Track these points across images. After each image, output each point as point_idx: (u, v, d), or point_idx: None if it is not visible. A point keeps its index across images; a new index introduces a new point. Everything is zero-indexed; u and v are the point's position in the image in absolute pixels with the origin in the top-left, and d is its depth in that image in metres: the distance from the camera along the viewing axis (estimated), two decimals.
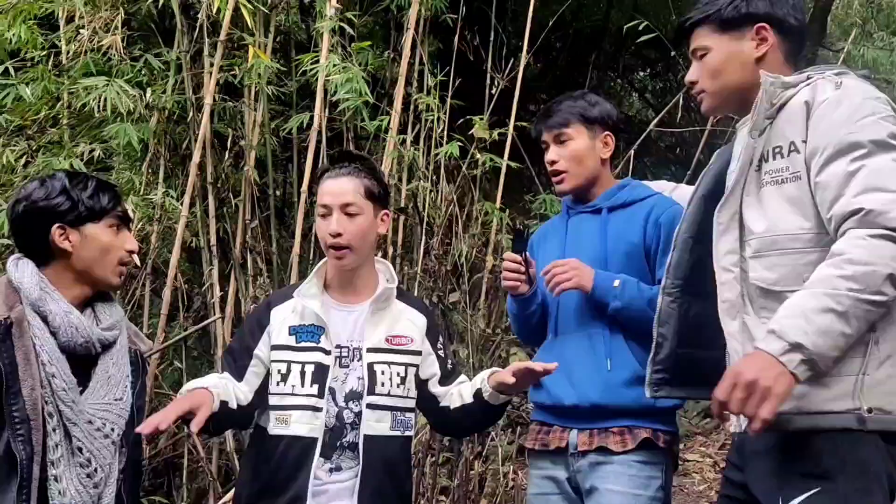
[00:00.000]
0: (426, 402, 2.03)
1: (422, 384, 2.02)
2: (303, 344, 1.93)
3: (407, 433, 1.99)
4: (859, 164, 1.44)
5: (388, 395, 1.94)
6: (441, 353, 2.04)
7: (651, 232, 2.04)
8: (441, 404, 2.02)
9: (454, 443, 3.35)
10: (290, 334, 1.94)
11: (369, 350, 1.94)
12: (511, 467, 3.50)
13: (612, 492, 1.92)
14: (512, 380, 1.83)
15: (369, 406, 1.91)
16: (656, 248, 2.03)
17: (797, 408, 1.44)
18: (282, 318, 1.97)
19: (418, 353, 2.00)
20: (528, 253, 2.13)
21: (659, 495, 1.96)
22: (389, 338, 1.97)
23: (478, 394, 1.95)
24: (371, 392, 1.92)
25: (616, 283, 1.98)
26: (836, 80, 1.54)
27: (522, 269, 2.09)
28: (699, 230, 1.74)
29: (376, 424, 1.92)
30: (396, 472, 1.95)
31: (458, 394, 2.02)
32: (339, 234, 1.92)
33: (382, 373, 1.93)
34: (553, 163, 2.12)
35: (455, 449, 3.37)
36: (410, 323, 2.01)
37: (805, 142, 1.52)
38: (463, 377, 2.09)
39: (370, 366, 1.93)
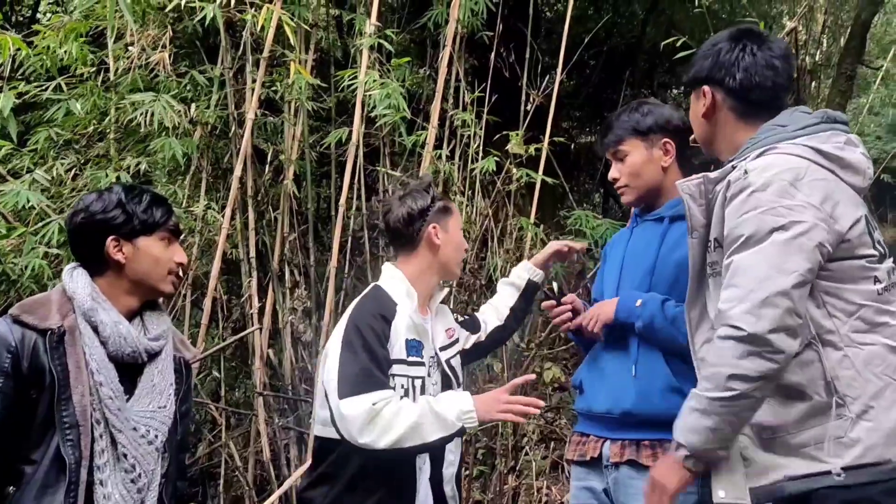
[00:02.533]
0: (474, 353, 2.28)
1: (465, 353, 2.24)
2: (412, 359, 2.00)
3: None
4: (728, 261, 1.56)
5: (461, 381, 2.12)
6: (459, 319, 2.24)
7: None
8: (484, 340, 2.28)
9: (488, 457, 3.34)
10: (405, 347, 1.98)
11: (441, 349, 2.10)
12: (545, 482, 3.48)
13: None
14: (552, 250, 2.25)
15: None
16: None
17: (786, 476, 1.55)
18: (399, 331, 1.98)
19: (457, 340, 2.21)
20: (559, 293, 2.19)
21: None
22: (448, 330, 2.16)
23: (519, 288, 2.27)
24: (458, 383, 2.10)
25: (638, 302, 1.97)
26: (744, 169, 1.59)
27: (566, 309, 2.15)
28: None
29: None
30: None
31: (490, 317, 2.29)
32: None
33: (452, 368, 2.11)
34: (615, 180, 2.15)
35: (489, 463, 3.37)
36: (442, 314, 2.18)
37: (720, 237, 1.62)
38: (477, 313, 2.34)
39: (448, 362, 2.09)
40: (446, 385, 2.05)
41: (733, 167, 1.64)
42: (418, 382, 1.98)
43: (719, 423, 1.53)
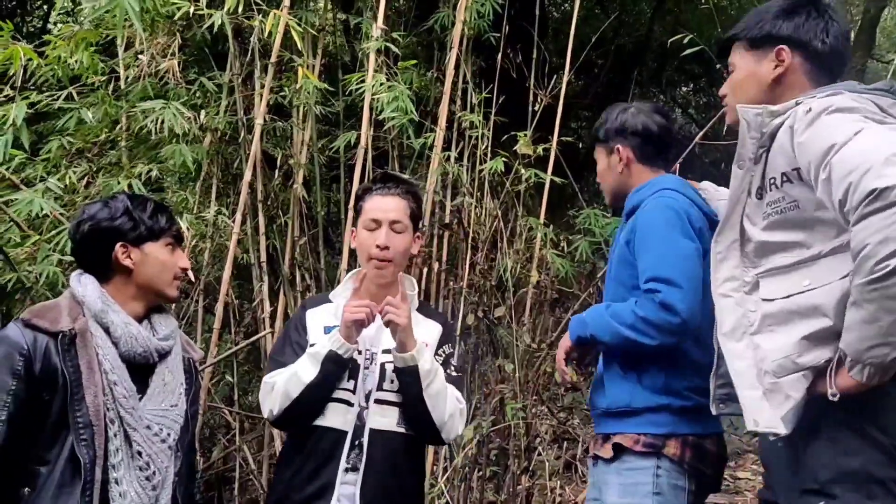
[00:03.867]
0: None
1: None
2: None
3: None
4: (826, 173, 1.47)
5: (397, 391, 2.00)
6: (439, 356, 2.08)
7: (632, 236, 2.04)
8: None
9: (501, 458, 3.34)
10: (325, 333, 2.03)
11: (384, 351, 2.03)
12: (558, 482, 3.48)
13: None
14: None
15: (377, 401, 1.99)
16: (634, 247, 2.02)
17: None
18: (318, 319, 2.08)
19: None
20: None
21: (647, 502, 1.90)
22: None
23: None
24: (379, 388, 2.00)
25: (584, 314, 2.05)
26: (811, 103, 1.56)
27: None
28: None
29: (381, 419, 1.98)
30: (401, 469, 1.99)
31: None
32: (386, 248, 2.03)
33: (393, 370, 2.00)
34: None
35: (502, 464, 3.37)
36: (426, 330, 2.09)
37: (796, 169, 1.56)
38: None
39: (382, 365, 2.02)
40: (380, 382, 2.01)
41: (797, 103, 1.60)
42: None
43: (875, 311, 1.39)
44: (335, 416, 1.97)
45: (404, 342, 1.95)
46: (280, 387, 1.96)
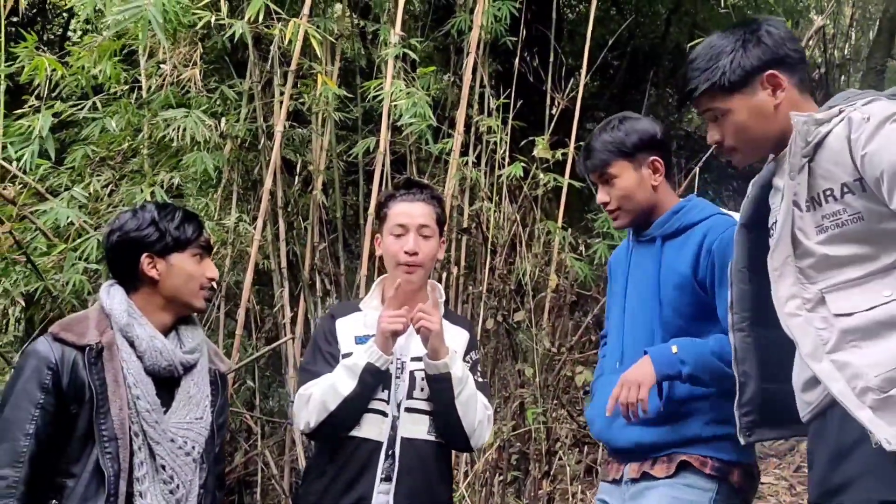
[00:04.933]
0: None
1: None
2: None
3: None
4: None
5: (427, 400, 2.00)
6: (466, 363, 2.07)
7: (704, 261, 1.92)
8: None
9: (522, 462, 3.35)
10: (356, 343, 2.03)
11: (413, 359, 2.02)
12: (579, 486, 3.48)
13: None
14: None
15: (407, 409, 1.99)
16: (712, 280, 1.91)
17: None
18: (348, 329, 2.07)
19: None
20: None
21: None
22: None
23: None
24: (409, 396, 1.99)
25: (674, 349, 1.88)
26: (865, 112, 1.52)
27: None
28: (751, 259, 1.72)
29: (413, 427, 1.98)
30: (431, 478, 1.99)
31: None
32: (415, 253, 2.02)
33: (422, 378, 2.00)
34: (605, 204, 2.06)
35: (522, 468, 3.37)
36: (452, 337, 2.06)
37: (858, 180, 1.51)
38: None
39: (411, 373, 2.01)
40: (410, 391, 2.01)
41: (840, 111, 1.55)
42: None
43: None
44: (371, 427, 1.97)
45: (437, 349, 1.95)
46: (317, 399, 1.96)
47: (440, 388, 1.96)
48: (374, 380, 1.95)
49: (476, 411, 2.00)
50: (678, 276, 1.94)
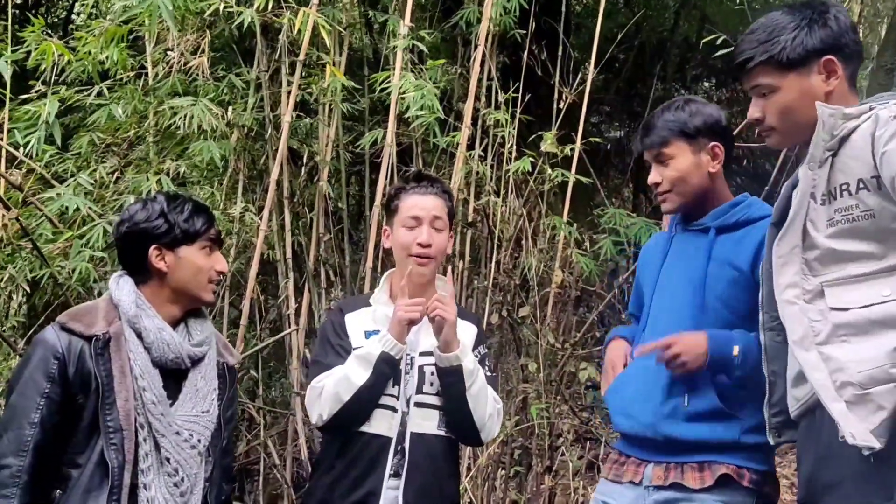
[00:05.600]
0: None
1: None
2: None
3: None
4: None
5: (437, 394, 2.00)
6: (476, 356, 2.06)
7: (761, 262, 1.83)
8: None
9: (524, 457, 3.36)
10: (366, 338, 2.03)
11: (421, 354, 2.03)
12: (581, 482, 3.49)
13: None
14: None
15: (417, 405, 1.99)
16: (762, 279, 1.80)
17: None
18: (358, 324, 2.07)
19: None
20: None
21: None
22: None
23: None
24: (419, 391, 2.00)
25: (735, 351, 1.80)
26: (894, 110, 1.51)
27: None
28: None
29: (423, 422, 1.98)
30: (441, 473, 2.00)
31: None
32: (429, 245, 2.02)
33: (432, 373, 2.00)
34: (656, 184, 1.99)
35: (525, 463, 3.38)
36: (462, 331, 2.05)
37: (875, 177, 1.50)
38: None
39: (420, 368, 2.01)
40: (419, 385, 2.01)
41: (871, 108, 1.55)
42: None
43: None
44: (381, 423, 1.97)
45: (449, 341, 1.95)
46: (330, 390, 1.95)
47: (451, 382, 1.96)
48: (389, 369, 1.95)
49: (486, 405, 2.00)
50: (734, 271, 1.89)
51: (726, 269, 1.91)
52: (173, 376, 1.86)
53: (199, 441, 1.85)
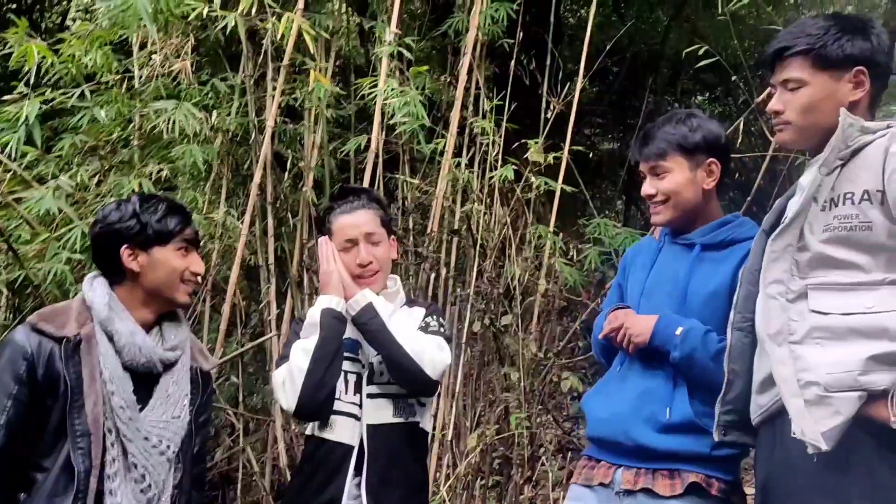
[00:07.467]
0: None
1: None
2: (345, 354, 2.01)
3: (412, 419, 2.02)
4: None
5: (388, 382, 1.99)
6: (422, 323, 2.05)
7: None
8: None
9: (504, 467, 3.33)
10: None
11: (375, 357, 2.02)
12: (561, 493, 3.45)
13: None
14: None
15: (369, 395, 1.98)
16: None
17: None
18: None
19: None
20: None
21: None
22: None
23: None
24: (370, 382, 1.99)
25: (679, 330, 1.85)
26: None
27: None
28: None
29: (376, 412, 1.97)
30: (403, 457, 1.98)
31: None
32: (370, 263, 2.03)
33: (380, 362, 1.99)
34: (650, 196, 1.99)
35: (505, 473, 3.36)
36: (410, 315, 2.07)
37: (881, 191, 1.52)
38: None
39: (370, 364, 2.01)
40: (370, 377, 2.01)
41: (889, 125, 1.57)
42: (352, 377, 2.00)
43: None
44: (343, 431, 1.97)
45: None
46: (292, 367, 1.94)
47: (368, 319, 1.96)
48: (337, 323, 1.95)
49: (419, 339, 1.97)
50: (714, 287, 1.89)
51: (707, 285, 1.91)
52: (145, 381, 1.83)
53: (168, 447, 1.82)
